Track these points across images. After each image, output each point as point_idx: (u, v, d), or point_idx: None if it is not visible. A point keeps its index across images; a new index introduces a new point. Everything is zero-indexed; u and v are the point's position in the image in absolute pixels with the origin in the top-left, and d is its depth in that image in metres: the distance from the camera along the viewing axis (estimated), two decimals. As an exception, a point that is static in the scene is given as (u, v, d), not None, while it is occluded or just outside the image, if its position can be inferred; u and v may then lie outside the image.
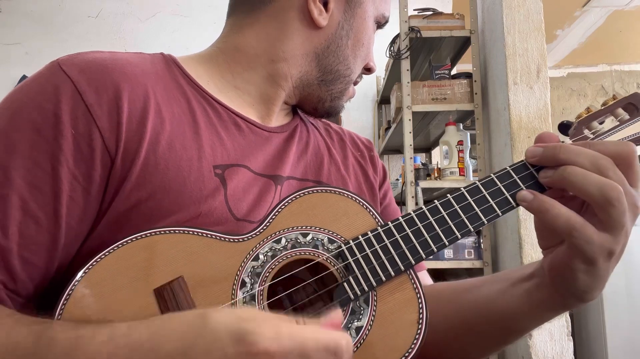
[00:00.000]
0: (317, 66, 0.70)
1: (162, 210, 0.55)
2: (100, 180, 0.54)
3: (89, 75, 0.55)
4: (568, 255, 0.51)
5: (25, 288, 0.52)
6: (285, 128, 0.72)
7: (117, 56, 0.60)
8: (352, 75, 0.73)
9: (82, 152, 0.53)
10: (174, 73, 0.64)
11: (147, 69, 0.61)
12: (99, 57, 0.58)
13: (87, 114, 0.54)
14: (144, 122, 0.56)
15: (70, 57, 0.57)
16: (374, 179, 0.78)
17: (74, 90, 0.54)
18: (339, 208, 0.57)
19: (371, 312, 0.52)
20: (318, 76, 0.71)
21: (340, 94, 0.74)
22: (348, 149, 0.80)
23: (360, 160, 0.79)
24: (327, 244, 0.55)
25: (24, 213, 0.51)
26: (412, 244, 0.54)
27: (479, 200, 0.55)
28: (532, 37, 2.07)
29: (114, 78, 0.56)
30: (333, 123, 0.85)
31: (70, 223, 0.53)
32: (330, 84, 0.72)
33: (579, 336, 2.79)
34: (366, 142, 0.84)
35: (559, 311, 0.57)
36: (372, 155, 0.82)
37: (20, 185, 0.51)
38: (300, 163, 0.71)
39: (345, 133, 0.83)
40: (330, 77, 0.71)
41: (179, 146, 0.58)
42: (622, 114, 0.59)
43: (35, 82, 0.56)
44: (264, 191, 0.63)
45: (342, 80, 0.72)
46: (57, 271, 0.54)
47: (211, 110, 0.64)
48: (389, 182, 0.83)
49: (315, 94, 0.73)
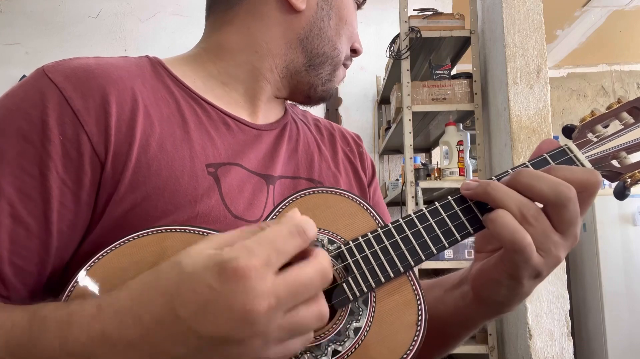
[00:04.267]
0: (302, 52, 0.70)
1: (158, 211, 0.55)
2: (91, 184, 0.54)
3: (75, 81, 0.55)
4: (497, 268, 0.52)
5: (18, 294, 0.52)
6: (274, 125, 0.72)
7: (102, 61, 0.60)
8: (339, 55, 0.73)
9: (71, 158, 0.53)
10: (161, 75, 0.64)
11: (133, 72, 0.61)
12: (84, 63, 0.58)
13: (75, 119, 0.53)
14: (133, 125, 0.56)
15: (55, 64, 0.57)
16: (363, 175, 0.79)
17: (60, 96, 0.54)
18: (339, 209, 0.57)
19: (370, 313, 0.52)
20: (305, 62, 0.71)
21: (330, 77, 0.73)
22: (338, 144, 0.79)
23: (350, 155, 0.79)
24: (327, 244, 0.55)
25: (13, 219, 0.51)
26: (412, 245, 0.53)
27: (480, 202, 0.54)
28: (532, 37, 2.07)
29: (100, 83, 0.56)
30: (322, 119, 0.85)
31: (61, 229, 0.53)
32: (318, 68, 0.72)
33: (579, 336, 2.79)
34: (355, 137, 0.84)
35: (482, 321, 0.59)
36: (361, 151, 0.82)
37: (9, 192, 0.51)
38: (292, 161, 0.71)
39: (335, 128, 0.83)
40: (317, 60, 0.71)
41: (170, 147, 0.58)
42: (626, 118, 0.59)
43: (21, 89, 0.55)
44: (257, 189, 0.63)
45: (330, 61, 0.72)
46: (50, 277, 0.54)
47: (200, 109, 0.64)
48: (377, 179, 0.84)
49: (305, 81, 0.72)
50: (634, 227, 2.80)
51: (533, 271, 0.50)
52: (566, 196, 0.48)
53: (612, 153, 0.58)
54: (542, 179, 0.50)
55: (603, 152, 0.58)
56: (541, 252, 0.49)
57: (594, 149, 0.58)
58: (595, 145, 0.58)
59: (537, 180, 0.50)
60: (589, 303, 2.85)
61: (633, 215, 2.81)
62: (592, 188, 0.50)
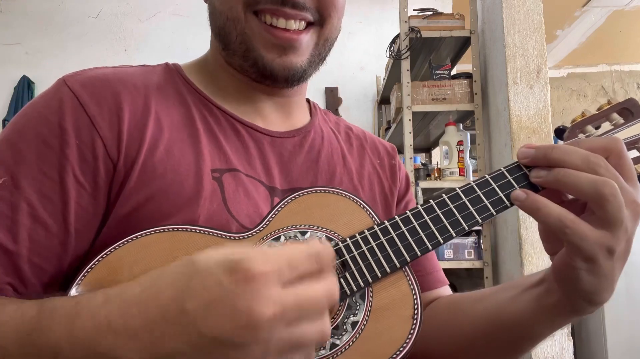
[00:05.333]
0: (218, 41, 0.67)
1: (161, 212, 0.56)
2: (105, 185, 0.57)
3: (91, 89, 0.59)
4: (568, 255, 0.51)
5: (35, 292, 0.53)
6: (293, 133, 0.71)
7: (119, 70, 0.64)
8: (237, 17, 0.62)
9: (87, 161, 0.56)
10: (176, 83, 0.67)
11: (148, 81, 0.64)
12: (102, 72, 0.62)
13: (90, 125, 0.57)
14: (144, 129, 0.59)
15: (74, 73, 0.61)
16: (391, 190, 0.75)
17: (76, 103, 0.57)
18: (337, 208, 0.58)
19: (367, 307, 0.53)
20: (222, 47, 0.66)
21: (245, 45, 0.63)
22: (366, 156, 0.76)
23: (379, 169, 0.76)
24: (325, 242, 0.56)
25: (33, 219, 0.53)
26: (408, 242, 0.55)
27: (473, 200, 0.56)
28: (532, 37, 2.07)
29: (115, 91, 0.60)
30: (356, 127, 0.82)
31: (78, 229, 0.55)
32: (228, 46, 0.65)
33: (579, 336, 2.79)
34: (389, 149, 0.80)
35: (570, 316, 0.56)
36: (393, 164, 0.78)
37: (30, 193, 0.54)
38: (310, 172, 0.69)
39: (367, 138, 0.80)
40: (224, 39, 0.65)
41: (177, 152, 0.60)
42: (616, 119, 0.61)
43: (42, 98, 0.60)
44: (262, 197, 0.63)
45: (232, 30, 0.63)
46: (66, 275, 0.56)
47: (210, 116, 0.65)
48: (412, 193, 0.80)
49: (238, 65, 0.66)
50: (634, 227, 2.80)
51: (602, 246, 0.49)
52: (596, 163, 0.50)
53: None
54: (572, 153, 0.51)
55: None
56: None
57: None
58: None
59: (567, 154, 0.51)
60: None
61: (633, 215, 2.81)
62: (618, 151, 0.51)
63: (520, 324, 0.59)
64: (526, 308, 0.58)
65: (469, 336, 0.65)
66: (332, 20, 0.66)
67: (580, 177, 0.50)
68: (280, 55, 0.63)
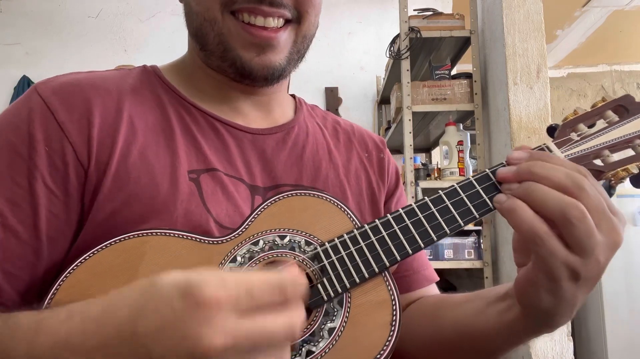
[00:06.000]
0: (195, 41, 0.66)
1: (137, 216, 0.56)
2: (77, 192, 0.56)
3: (62, 95, 0.58)
4: (533, 269, 0.49)
5: (11, 299, 0.53)
6: (275, 129, 0.69)
7: (93, 74, 0.63)
8: (214, 17, 0.61)
9: (57, 167, 0.55)
10: (153, 84, 0.66)
11: (122, 84, 0.63)
12: (74, 78, 0.61)
13: (59, 131, 0.56)
14: (115, 134, 0.58)
15: (47, 80, 0.61)
16: (378, 185, 0.74)
17: (46, 110, 0.57)
18: (316, 211, 0.58)
19: (344, 313, 0.52)
20: (200, 47, 0.65)
21: (223, 46, 0.63)
22: (354, 150, 0.75)
23: (366, 163, 0.75)
24: (304, 246, 0.55)
25: (3, 228, 0.53)
26: (388, 246, 0.53)
27: (456, 203, 0.54)
28: (532, 37, 2.07)
29: (87, 96, 0.59)
30: (345, 121, 0.80)
31: (51, 236, 0.55)
32: (206, 47, 0.64)
33: (579, 336, 2.79)
34: (378, 142, 0.79)
35: (530, 335, 0.55)
36: (382, 157, 0.76)
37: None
38: (295, 168, 0.68)
39: (356, 132, 0.78)
40: (201, 40, 0.64)
41: (151, 155, 0.59)
42: (611, 116, 0.58)
43: (14, 107, 0.59)
44: (242, 196, 0.62)
45: (209, 31, 0.62)
46: (44, 282, 0.55)
47: (188, 116, 0.64)
48: (403, 188, 0.77)
49: (216, 65, 0.66)
50: (634, 227, 2.79)
51: (568, 268, 0.47)
52: (579, 182, 0.48)
53: (594, 152, 0.57)
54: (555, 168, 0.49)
55: (584, 151, 0.57)
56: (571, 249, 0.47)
57: (575, 148, 0.57)
58: (576, 143, 0.57)
59: (549, 169, 0.49)
60: (589, 303, 2.85)
61: (633, 215, 2.80)
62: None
63: (483, 338, 0.58)
64: (489, 322, 0.57)
65: (440, 342, 0.64)
66: (310, 17, 0.65)
67: (549, 194, 0.47)
68: (258, 54, 0.62)
